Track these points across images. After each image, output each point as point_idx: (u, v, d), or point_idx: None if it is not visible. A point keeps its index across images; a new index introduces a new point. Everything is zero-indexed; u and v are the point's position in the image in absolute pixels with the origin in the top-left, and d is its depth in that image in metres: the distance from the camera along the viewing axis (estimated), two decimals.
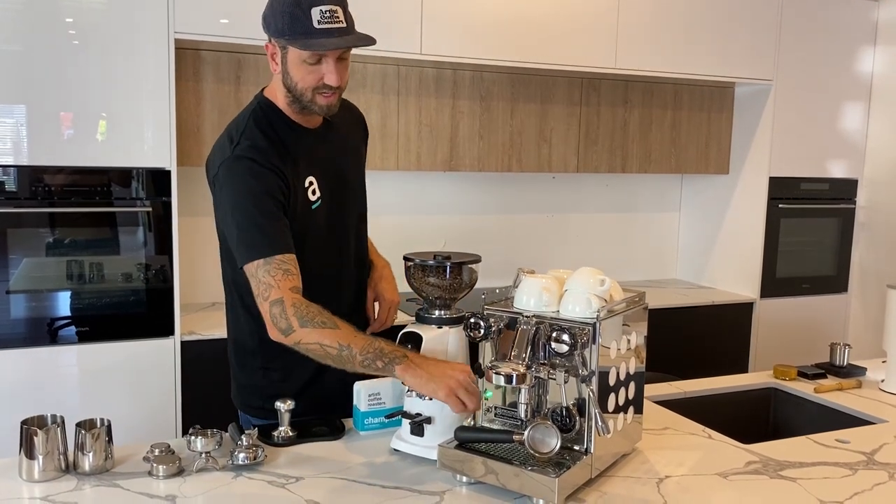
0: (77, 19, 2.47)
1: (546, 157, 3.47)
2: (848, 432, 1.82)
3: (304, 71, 1.58)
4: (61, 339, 2.55)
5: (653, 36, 3.39)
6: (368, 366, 1.46)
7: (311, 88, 1.60)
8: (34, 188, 2.47)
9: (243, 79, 2.87)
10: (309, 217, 1.66)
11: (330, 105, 1.63)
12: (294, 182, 1.62)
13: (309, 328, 1.47)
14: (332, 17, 1.52)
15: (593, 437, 1.43)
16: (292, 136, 1.67)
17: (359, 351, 1.45)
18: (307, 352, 1.49)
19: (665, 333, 3.17)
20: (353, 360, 1.46)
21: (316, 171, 1.68)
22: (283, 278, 1.51)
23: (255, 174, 1.57)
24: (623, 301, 1.54)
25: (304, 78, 1.59)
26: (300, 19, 1.52)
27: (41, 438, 1.42)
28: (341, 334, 1.47)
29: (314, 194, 1.66)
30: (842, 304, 4.01)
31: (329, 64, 1.57)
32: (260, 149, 1.60)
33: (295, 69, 1.59)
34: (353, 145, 1.85)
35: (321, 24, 1.52)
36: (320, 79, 1.58)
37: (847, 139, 3.90)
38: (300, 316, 1.48)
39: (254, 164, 1.57)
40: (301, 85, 1.60)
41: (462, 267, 1.61)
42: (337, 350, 1.46)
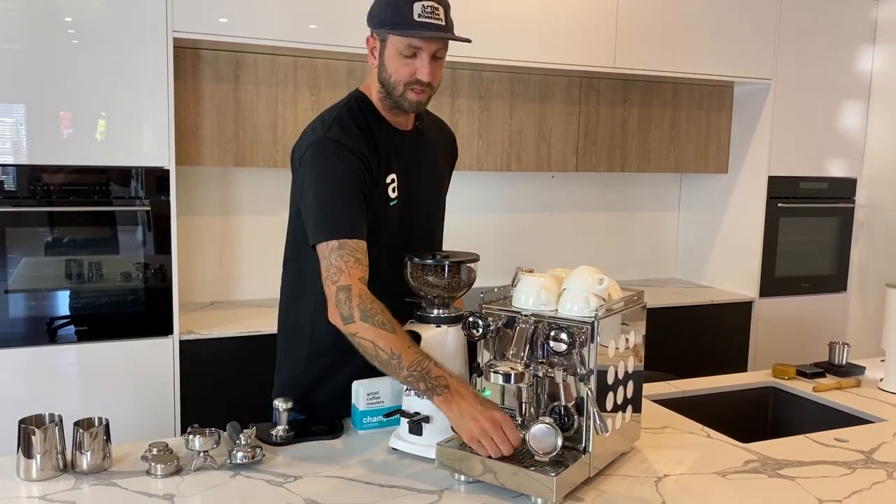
0: (76, 19, 2.47)
1: (545, 157, 3.47)
2: (846, 431, 1.82)
3: (400, 63, 1.62)
4: (60, 339, 2.55)
5: (652, 35, 3.38)
6: (412, 383, 1.47)
7: (403, 83, 1.63)
8: (33, 187, 2.47)
9: (242, 78, 2.87)
10: (384, 212, 1.68)
11: (420, 102, 1.66)
12: (377, 175, 1.65)
13: (368, 324, 1.49)
14: (432, 14, 1.58)
15: (592, 436, 1.43)
16: (382, 132, 1.70)
17: (407, 365, 1.46)
18: (359, 346, 1.51)
19: (664, 332, 3.17)
20: (398, 371, 1.48)
21: (399, 170, 1.71)
22: (355, 266, 1.54)
23: (343, 157, 1.60)
24: (621, 300, 1.54)
25: (399, 70, 1.62)
26: (402, 11, 1.57)
27: (39, 437, 1.42)
28: (396, 342, 1.48)
29: (393, 192, 1.69)
30: (841, 303, 4.01)
31: (423, 59, 1.61)
32: (350, 134, 1.63)
33: (391, 61, 1.63)
34: (438, 160, 1.86)
35: (421, 17, 1.57)
36: (413, 73, 1.62)
37: (846, 138, 3.90)
38: (363, 309, 1.50)
39: (341, 148, 1.60)
40: (395, 78, 1.63)
41: (461, 266, 1.61)
42: (388, 356, 1.47)
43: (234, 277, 3.25)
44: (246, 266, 3.25)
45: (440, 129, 1.92)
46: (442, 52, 1.64)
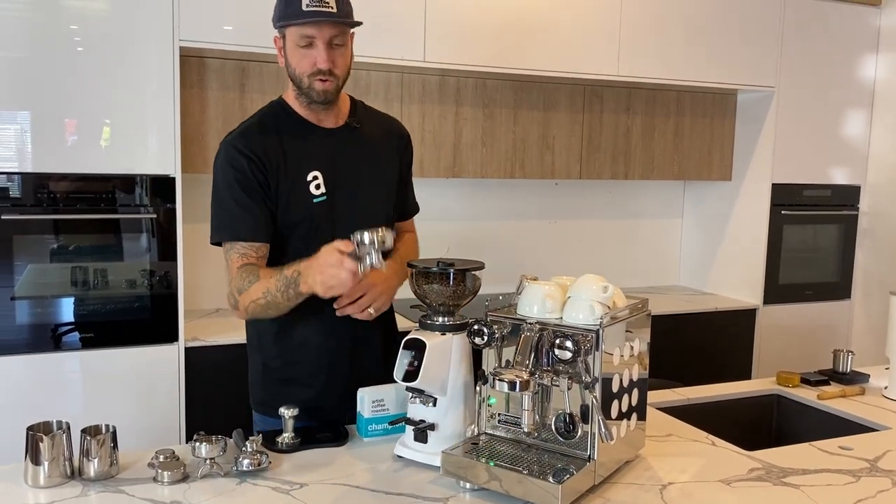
0: (81, 26, 2.48)
1: (549, 164, 3.48)
2: (851, 439, 1.82)
3: (299, 55, 1.68)
4: (66, 346, 2.56)
5: (655, 43, 3.40)
6: (288, 299, 1.59)
7: (306, 74, 1.69)
8: (39, 195, 2.48)
9: (248, 86, 2.88)
10: (311, 209, 1.74)
11: (327, 90, 1.70)
12: (287, 173, 1.72)
13: (244, 293, 1.64)
14: (321, 2, 1.64)
15: (597, 444, 1.44)
16: (300, 132, 1.76)
17: (275, 290, 1.59)
18: (255, 315, 1.67)
19: (668, 340, 3.17)
20: (277, 301, 1.60)
21: (323, 167, 1.75)
22: (236, 261, 1.69)
23: (232, 160, 1.70)
24: (626, 308, 1.55)
25: (300, 62, 1.69)
26: (292, 3, 1.65)
27: (47, 444, 1.43)
28: (261, 284, 1.61)
29: (318, 189, 1.74)
30: (845, 311, 4.01)
31: (319, 47, 1.66)
32: (246, 137, 1.73)
33: (291, 55, 1.70)
34: (380, 153, 1.88)
35: (310, 6, 1.63)
36: (313, 63, 1.67)
37: (849, 145, 3.90)
38: (238, 287, 1.66)
39: (233, 151, 1.70)
40: (298, 70, 1.70)
41: (465, 274, 1.61)
42: (263, 298, 1.61)
43: None
44: None
45: (384, 124, 1.93)
46: (339, 38, 1.68)
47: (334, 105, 1.79)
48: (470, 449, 1.51)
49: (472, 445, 1.53)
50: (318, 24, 1.65)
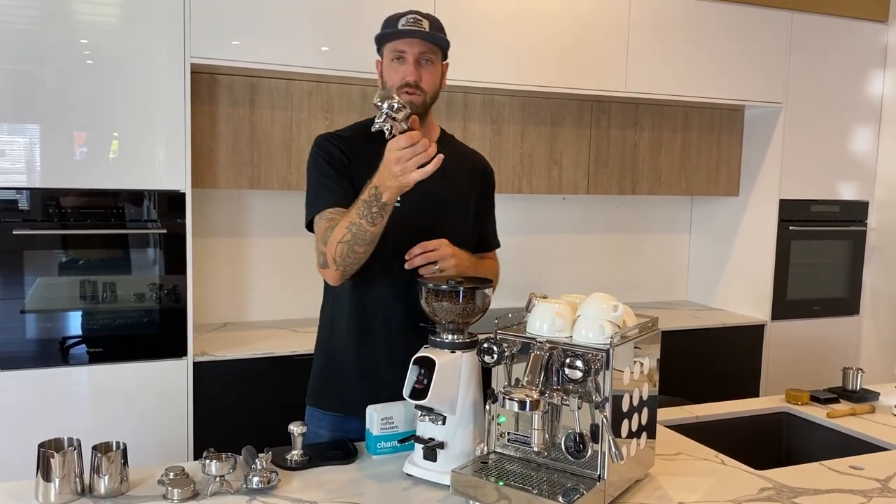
0: (91, 40, 2.50)
1: (556, 179, 3.49)
2: (862, 458, 1.82)
3: (391, 70, 1.81)
4: (75, 360, 2.57)
5: (662, 59, 3.41)
6: (373, 219, 1.62)
7: (395, 87, 1.79)
8: (49, 210, 2.50)
9: (257, 102, 2.90)
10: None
11: (412, 103, 1.76)
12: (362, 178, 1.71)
13: (329, 241, 1.70)
14: (415, 23, 1.79)
15: (607, 464, 1.43)
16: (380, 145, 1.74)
17: (358, 217, 1.63)
18: (346, 258, 1.68)
19: (676, 355, 3.16)
20: (363, 228, 1.64)
21: None
22: (324, 224, 1.74)
23: (321, 146, 1.85)
24: (636, 327, 1.55)
25: (392, 77, 1.80)
26: (390, 24, 1.82)
27: (58, 461, 1.43)
28: (343, 222, 1.67)
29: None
30: (853, 327, 3.99)
31: (408, 62, 1.78)
32: (336, 134, 1.88)
33: (386, 71, 1.83)
34: (458, 183, 1.93)
35: (404, 26, 1.78)
36: (403, 76, 1.78)
37: (857, 161, 3.90)
38: (323, 239, 1.72)
39: (323, 140, 1.86)
40: (389, 83, 1.81)
41: (475, 291, 1.62)
42: (349, 232, 1.65)
43: (247, 299, 3.26)
44: (259, 288, 3.27)
45: (467, 158, 2.02)
46: (428, 55, 1.80)
47: (423, 123, 1.83)
48: (479, 468, 1.51)
49: (481, 464, 1.53)
50: (409, 40, 1.77)
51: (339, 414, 1.87)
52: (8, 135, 2.43)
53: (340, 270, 1.72)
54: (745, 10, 3.56)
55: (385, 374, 1.82)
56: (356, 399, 1.82)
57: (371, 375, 1.84)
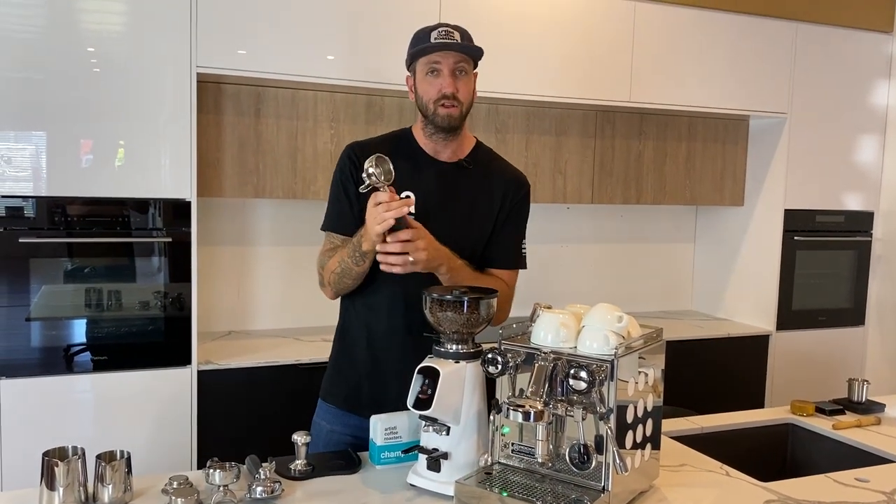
0: (98, 48, 2.52)
1: (561, 189, 3.49)
2: (867, 471, 1.81)
3: (427, 84, 1.80)
4: (79, 368, 2.58)
5: (667, 70, 3.42)
6: (356, 262, 1.75)
7: (432, 100, 1.79)
8: (55, 218, 2.51)
9: (263, 111, 2.92)
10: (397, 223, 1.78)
11: (451, 115, 1.79)
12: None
13: (325, 267, 1.84)
14: (447, 35, 1.79)
15: (611, 475, 1.43)
16: (411, 157, 1.87)
17: (347, 256, 1.77)
18: (336, 285, 1.83)
19: (680, 365, 3.16)
20: (349, 266, 1.77)
21: (418, 190, 1.82)
22: (325, 246, 1.88)
23: (341, 162, 1.88)
24: (641, 338, 1.54)
25: (427, 91, 1.80)
26: (422, 40, 1.80)
27: (62, 470, 1.43)
28: (336, 256, 1.81)
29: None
30: (859, 337, 3.98)
31: (444, 74, 1.78)
32: (361, 146, 1.88)
33: (420, 85, 1.82)
34: (482, 198, 1.90)
35: (437, 39, 1.78)
36: (439, 89, 1.78)
37: (862, 171, 3.90)
38: (321, 264, 1.87)
39: (344, 155, 1.88)
40: (426, 98, 1.81)
41: (479, 301, 1.62)
42: (339, 266, 1.79)
43: (252, 307, 3.27)
44: (263, 296, 3.28)
45: (503, 171, 1.96)
46: (463, 65, 1.80)
47: (456, 137, 1.85)
48: (483, 478, 1.51)
49: (485, 475, 1.52)
50: (443, 52, 1.77)
51: (346, 411, 1.90)
52: (14, 142, 2.45)
53: (334, 292, 1.87)
54: (750, 21, 3.56)
55: (390, 380, 1.84)
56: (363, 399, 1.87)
57: (378, 379, 1.87)
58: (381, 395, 1.84)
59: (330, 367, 1.98)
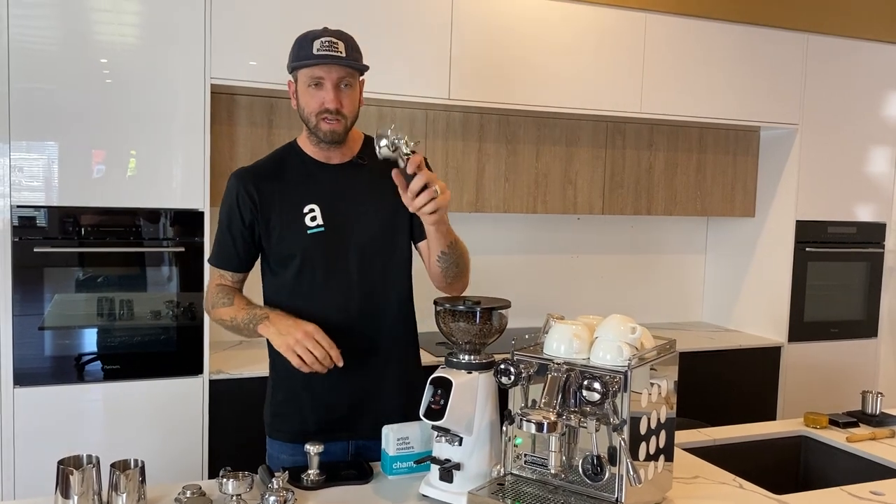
0: (111, 59, 2.54)
1: (571, 199, 3.50)
2: (882, 484, 1.79)
3: (308, 96, 1.76)
4: (92, 377, 2.59)
5: (678, 81, 3.42)
6: (251, 331, 1.77)
7: (314, 113, 1.76)
8: (69, 228, 2.52)
9: (275, 122, 2.93)
10: (305, 239, 1.81)
11: (334, 131, 1.77)
12: (282, 208, 1.81)
13: (217, 309, 1.85)
14: (330, 47, 1.73)
15: (624, 487, 1.43)
16: (303, 170, 1.85)
17: (241, 319, 1.78)
18: (222, 326, 1.86)
19: (692, 377, 3.14)
20: (240, 328, 1.79)
21: (321, 201, 1.82)
22: (215, 279, 1.90)
23: (228, 193, 1.86)
24: (654, 349, 1.54)
25: (309, 103, 1.77)
26: (304, 48, 1.75)
27: (77, 478, 1.44)
28: (231, 310, 1.82)
29: (314, 220, 1.81)
30: (871, 349, 3.95)
31: (327, 87, 1.74)
32: (247, 173, 1.85)
33: (302, 96, 1.78)
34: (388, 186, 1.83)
35: (320, 51, 1.73)
36: (321, 103, 1.75)
37: (874, 183, 3.89)
38: (212, 302, 1.87)
39: (231, 185, 1.85)
40: (307, 110, 1.78)
41: (492, 312, 1.62)
42: (230, 321, 1.81)
43: None
44: None
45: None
46: (347, 80, 1.76)
47: (343, 143, 1.84)
48: (496, 489, 1.50)
49: (497, 486, 1.52)
50: (327, 66, 1.73)
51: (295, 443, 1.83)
52: (27, 152, 2.47)
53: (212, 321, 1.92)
54: (761, 32, 3.57)
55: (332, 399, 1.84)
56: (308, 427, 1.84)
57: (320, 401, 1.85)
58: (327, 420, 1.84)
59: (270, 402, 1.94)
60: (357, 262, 1.83)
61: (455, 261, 1.80)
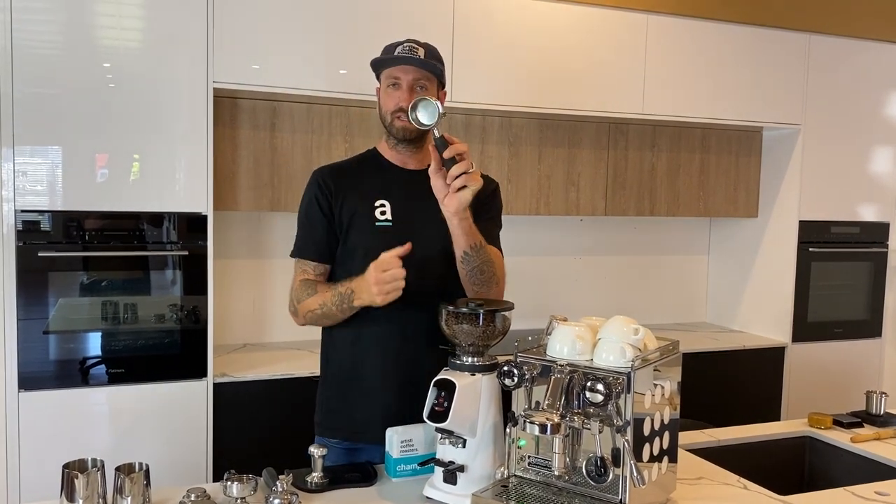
0: (114, 64, 2.55)
1: (574, 201, 3.50)
2: (887, 484, 1.79)
3: (386, 96, 1.86)
4: (96, 381, 2.59)
5: (680, 81, 3.42)
6: (344, 311, 1.79)
7: (390, 112, 1.84)
8: (73, 232, 2.53)
9: (278, 126, 2.94)
10: (374, 231, 1.86)
11: (406, 128, 1.83)
12: (354, 201, 1.87)
13: (304, 302, 1.85)
14: (410, 51, 1.83)
15: (628, 488, 1.43)
16: (379, 170, 1.92)
17: (329, 302, 1.80)
18: (312, 322, 1.88)
19: (695, 378, 3.13)
20: (332, 313, 1.81)
21: (390, 199, 1.88)
22: (298, 275, 1.91)
23: (309, 188, 1.92)
24: (657, 350, 1.54)
25: (386, 102, 1.86)
26: (388, 51, 1.87)
27: (82, 482, 1.45)
28: (318, 297, 1.83)
29: (383, 214, 1.87)
30: (875, 349, 3.94)
31: (402, 88, 1.82)
32: (328, 169, 1.93)
33: (382, 97, 1.88)
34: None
35: (400, 53, 1.83)
36: (397, 102, 1.82)
37: (877, 183, 3.88)
38: (297, 297, 1.88)
39: (312, 180, 1.92)
40: (384, 109, 1.86)
41: (495, 314, 1.62)
42: (320, 309, 1.82)
43: (267, 320, 3.28)
44: (279, 309, 3.29)
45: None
46: (423, 82, 1.83)
47: (421, 147, 1.89)
48: (500, 491, 1.51)
49: (501, 488, 1.52)
50: (404, 67, 1.81)
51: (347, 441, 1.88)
52: (31, 157, 2.48)
53: (307, 324, 1.91)
54: (763, 33, 3.56)
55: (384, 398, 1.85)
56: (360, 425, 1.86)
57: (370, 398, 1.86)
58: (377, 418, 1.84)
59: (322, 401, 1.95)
60: (417, 261, 1.81)
61: (479, 266, 1.80)
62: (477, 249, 1.79)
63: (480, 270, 1.81)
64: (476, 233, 1.78)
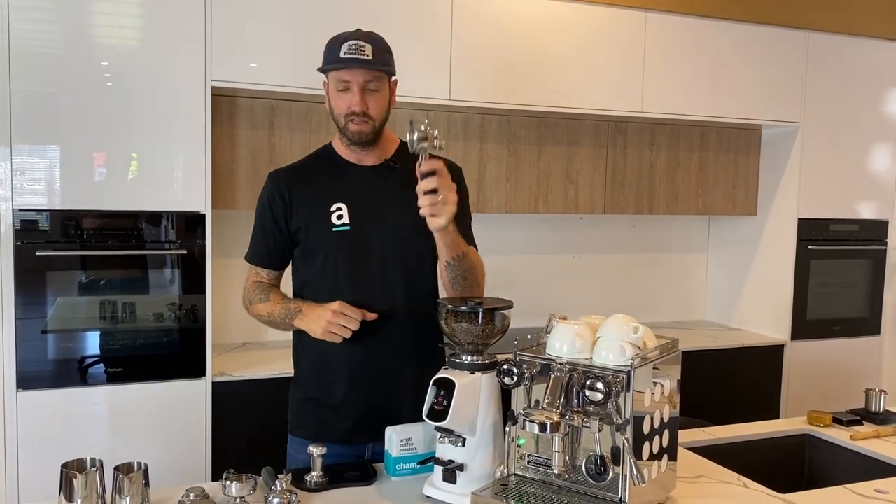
0: (112, 62, 2.54)
1: (573, 199, 3.49)
2: (887, 482, 1.79)
3: (337, 98, 1.81)
4: (95, 380, 2.59)
5: (679, 79, 3.42)
6: (287, 325, 1.85)
7: (343, 115, 1.80)
8: (71, 231, 2.53)
9: (276, 124, 2.93)
10: (330, 237, 1.84)
11: (361, 131, 1.80)
12: (310, 205, 1.85)
13: (255, 305, 1.92)
14: (357, 50, 1.76)
15: (628, 486, 1.43)
16: (334, 170, 1.89)
17: (277, 314, 1.86)
18: (259, 320, 1.93)
19: (694, 376, 3.13)
20: (277, 322, 1.87)
21: (349, 200, 1.85)
22: (252, 276, 1.97)
23: (262, 193, 1.93)
24: (657, 348, 1.54)
25: (338, 104, 1.81)
26: (333, 51, 1.79)
27: (80, 482, 1.44)
28: (268, 306, 1.89)
29: (339, 219, 1.84)
30: (874, 347, 3.95)
31: (353, 90, 1.78)
32: (280, 173, 1.92)
33: (332, 98, 1.83)
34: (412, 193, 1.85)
35: (347, 54, 1.76)
36: (349, 105, 1.78)
37: (876, 180, 3.88)
38: (249, 298, 1.94)
39: (266, 185, 1.92)
40: (336, 111, 1.82)
41: (494, 313, 1.62)
42: (268, 317, 1.89)
43: None
44: None
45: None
46: (374, 83, 1.79)
47: (374, 145, 1.87)
48: (499, 490, 1.50)
49: (501, 487, 1.52)
50: (352, 70, 1.76)
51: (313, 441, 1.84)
52: (29, 156, 2.47)
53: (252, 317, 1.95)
54: (761, 30, 3.56)
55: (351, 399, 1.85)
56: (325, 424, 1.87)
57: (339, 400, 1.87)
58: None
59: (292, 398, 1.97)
60: (380, 263, 1.84)
61: (462, 273, 1.80)
62: (460, 259, 1.79)
63: (463, 277, 1.81)
64: (460, 244, 1.78)
